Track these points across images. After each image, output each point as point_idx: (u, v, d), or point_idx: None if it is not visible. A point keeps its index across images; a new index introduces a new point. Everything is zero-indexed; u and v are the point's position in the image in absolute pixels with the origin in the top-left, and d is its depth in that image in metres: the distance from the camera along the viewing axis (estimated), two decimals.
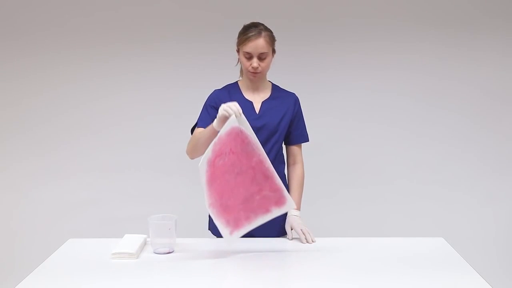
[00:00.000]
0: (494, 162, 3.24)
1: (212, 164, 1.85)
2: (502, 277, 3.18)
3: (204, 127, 2.03)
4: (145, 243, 1.99)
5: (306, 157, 2.27)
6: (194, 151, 2.04)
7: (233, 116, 1.81)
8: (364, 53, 3.15)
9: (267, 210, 1.92)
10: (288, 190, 2.17)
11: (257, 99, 2.15)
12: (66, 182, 3.22)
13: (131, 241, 1.95)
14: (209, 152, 1.85)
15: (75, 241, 2.06)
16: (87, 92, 3.18)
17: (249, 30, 2.02)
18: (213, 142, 1.85)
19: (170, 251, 1.92)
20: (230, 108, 1.80)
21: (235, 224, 1.90)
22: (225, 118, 1.81)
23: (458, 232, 3.12)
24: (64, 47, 3.13)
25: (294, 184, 2.19)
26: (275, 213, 1.94)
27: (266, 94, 2.16)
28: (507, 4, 3.12)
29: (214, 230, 2.24)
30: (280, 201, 1.92)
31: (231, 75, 2.25)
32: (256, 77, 2.08)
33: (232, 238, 1.90)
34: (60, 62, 3.15)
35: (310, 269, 1.78)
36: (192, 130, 2.19)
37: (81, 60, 3.15)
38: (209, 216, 2.27)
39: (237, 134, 1.82)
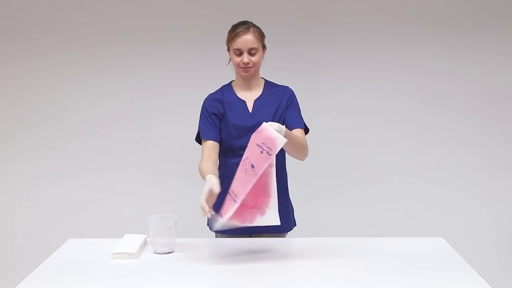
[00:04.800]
0: (494, 162, 3.23)
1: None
2: (502, 277, 3.18)
3: (208, 138, 2.08)
4: (145, 243, 1.99)
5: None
6: None
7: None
8: (364, 52, 3.15)
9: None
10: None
11: (250, 98, 2.15)
12: (67, 182, 3.22)
13: (131, 241, 1.95)
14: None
15: (75, 241, 2.06)
16: (87, 92, 3.18)
17: (237, 27, 2.06)
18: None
19: (170, 251, 1.92)
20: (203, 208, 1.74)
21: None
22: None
23: (458, 232, 3.11)
24: (64, 47, 3.13)
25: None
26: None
27: (258, 92, 2.16)
28: (507, 4, 3.12)
29: (211, 225, 2.24)
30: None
31: (231, 75, 2.24)
32: (248, 73, 2.08)
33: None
34: (60, 62, 3.15)
35: (310, 269, 1.78)
36: (197, 139, 2.17)
37: (81, 60, 3.15)
38: None
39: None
